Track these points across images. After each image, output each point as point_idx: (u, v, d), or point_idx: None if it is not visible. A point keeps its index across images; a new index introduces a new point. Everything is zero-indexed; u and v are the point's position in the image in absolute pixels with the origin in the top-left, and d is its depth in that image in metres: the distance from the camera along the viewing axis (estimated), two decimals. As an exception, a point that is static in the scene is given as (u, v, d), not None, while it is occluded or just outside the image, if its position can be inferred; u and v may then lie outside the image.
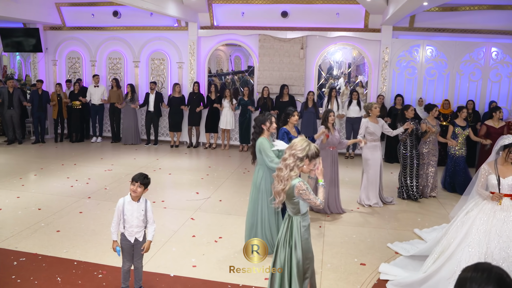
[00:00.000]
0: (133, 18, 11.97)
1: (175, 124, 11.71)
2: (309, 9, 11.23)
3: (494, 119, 8.32)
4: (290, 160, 3.30)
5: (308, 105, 10.83)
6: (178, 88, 11.55)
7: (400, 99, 10.55)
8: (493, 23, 10.48)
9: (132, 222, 3.91)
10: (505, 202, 4.24)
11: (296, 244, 3.36)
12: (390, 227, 6.32)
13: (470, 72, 10.86)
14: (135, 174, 4.02)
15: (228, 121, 11.42)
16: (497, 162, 4.42)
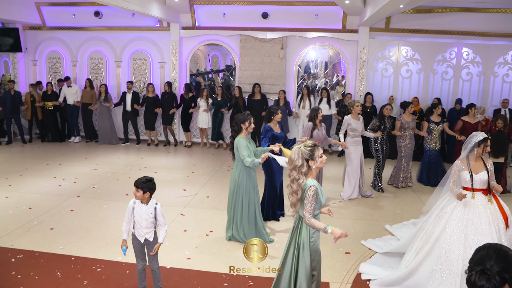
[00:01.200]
0: (114, 19, 12.03)
1: (149, 123, 11.88)
2: (289, 10, 11.54)
3: (469, 115, 8.80)
4: (294, 173, 3.46)
5: (280, 104, 11.12)
6: (151, 88, 11.70)
7: (370, 97, 10.95)
8: (464, 25, 11.00)
9: (141, 224, 4.02)
10: (478, 196, 4.48)
11: (305, 245, 3.50)
12: (371, 218, 6.67)
13: (443, 71, 11.38)
14: (138, 179, 4.05)
15: (204, 120, 11.63)
16: (469, 159, 4.61)
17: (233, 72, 12.55)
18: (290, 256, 3.59)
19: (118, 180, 8.42)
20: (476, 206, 4.43)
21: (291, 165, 3.47)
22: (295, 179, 3.45)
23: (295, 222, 3.63)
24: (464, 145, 4.70)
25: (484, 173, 4.52)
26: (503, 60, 11.16)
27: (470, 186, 4.53)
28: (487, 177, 4.51)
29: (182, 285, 4.48)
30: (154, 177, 8.05)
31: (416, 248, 4.63)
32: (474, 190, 4.51)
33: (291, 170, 3.48)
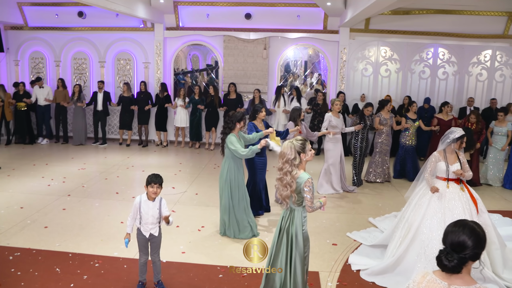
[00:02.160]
0: (98, 19, 12.09)
1: (125, 122, 11.98)
2: (272, 12, 11.81)
3: (443, 113, 9.24)
4: (286, 166, 3.68)
5: (255, 102, 11.37)
6: (125, 87, 11.82)
7: (342, 96, 11.26)
8: (440, 26, 11.47)
9: (147, 220, 4.20)
10: (452, 185, 4.95)
11: (297, 234, 3.74)
12: (355, 212, 6.99)
13: (420, 71, 11.82)
14: (150, 176, 4.20)
15: (182, 119, 11.78)
16: (446, 151, 5.05)
17: (215, 71, 12.75)
18: (283, 247, 3.79)
19: (107, 179, 8.54)
20: (451, 194, 4.89)
21: (284, 158, 3.68)
22: (288, 172, 3.66)
23: (286, 214, 3.83)
24: (442, 139, 5.11)
25: (457, 165, 4.99)
26: (476, 60, 11.67)
27: (446, 176, 4.98)
28: (460, 168, 4.97)
29: (179, 278, 4.68)
30: (142, 176, 8.22)
31: (399, 237, 4.99)
32: (449, 180, 4.96)
33: (283, 163, 3.69)
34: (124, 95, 11.82)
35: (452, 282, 2.14)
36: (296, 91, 11.59)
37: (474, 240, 2.11)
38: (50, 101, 11.95)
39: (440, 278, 2.18)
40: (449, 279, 2.15)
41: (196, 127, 11.90)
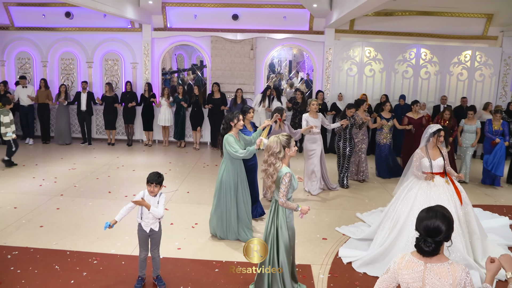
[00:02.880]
0: (86, 19, 12.12)
1: (109, 122, 12.06)
2: (258, 13, 11.99)
3: (413, 111, 9.54)
4: (271, 159, 3.98)
5: (237, 101, 11.56)
6: (107, 88, 11.89)
7: (321, 95, 11.51)
8: (422, 27, 11.82)
9: (149, 214, 4.34)
10: (437, 179, 5.29)
11: (282, 225, 4.03)
12: (343, 208, 7.23)
13: (403, 71, 12.14)
14: (150, 175, 4.37)
15: (166, 118, 11.91)
16: (427, 147, 5.41)
17: (202, 70, 12.93)
18: (270, 237, 4.08)
19: (98, 179, 8.63)
20: (436, 187, 5.24)
21: (269, 151, 3.99)
22: (272, 163, 3.97)
23: (272, 206, 4.15)
24: (422, 136, 5.50)
25: (440, 159, 5.35)
26: (457, 60, 12.03)
27: (430, 170, 5.32)
28: (443, 162, 5.35)
29: (176, 273, 4.85)
30: (133, 175, 8.33)
31: (388, 227, 5.31)
32: (433, 174, 5.30)
33: (268, 156, 3.99)
34: (107, 95, 11.89)
35: (428, 260, 2.43)
36: (275, 91, 11.81)
37: (447, 225, 2.40)
38: (32, 98, 11.86)
39: (417, 258, 2.47)
40: (425, 258, 2.44)
41: (180, 126, 12.04)
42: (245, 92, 12.18)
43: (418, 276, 2.44)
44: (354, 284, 4.69)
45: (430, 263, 2.45)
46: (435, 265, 2.43)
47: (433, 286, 2.40)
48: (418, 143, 8.89)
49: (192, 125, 12.04)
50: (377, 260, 5.02)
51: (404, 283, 2.52)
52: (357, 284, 4.68)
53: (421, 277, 2.43)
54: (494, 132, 8.92)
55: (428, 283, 2.42)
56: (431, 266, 2.44)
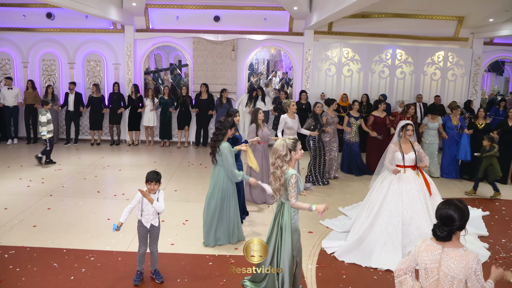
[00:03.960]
0: (67, 20, 12.14)
1: (95, 122, 12.14)
2: (239, 14, 12.26)
3: (379, 110, 9.91)
4: (278, 161, 4.12)
5: (223, 102, 11.84)
6: (94, 89, 11.99)
7: (305, 95, 11.86)
8: (397, 29, 12.32)
9: (149, 211, 4.59)
10: (408, 171, 5.74)
11: (286, 226, 4.18)
12: (326, 203, 7.54)
13: (380, 71, 12.61)
14: (148, 174, 4.57)
15: (150, 118, 12.08)
16: (400, 142, 5.86)
17: (182, 70, 13.14)
18: (273, 238, 4.29)
19: (85, 179, 8.74)
20: (408, 179, 5.69)
21: (276, 154, 4.14)
22: (279, 166, 4.12)
23: (278, 208, 4.31)
24: (396, 132, 6.00)
25: (412, 153, 5.79)
26: (431, 60, 12.58)
27: (402, 163, 5.77)
28: (415, 156, 5.79)
29: (172, 267, 5.08)
30: (120, 174, 8.52)
31: (365, 216, 5.75)
32: (405, 167, 5.76)
33: (275, 158, 4.14)
34: (94, 96, 11.98)
35: (445, 245, 2.80)
36: (260, 91, 12.09)
37: (459, 214, 2.75)
38: (20, 104, 11.95)
39: (436, 243, 2.84)
40: (443, 243, 2.81)
41: (166, 126, 12.20)
42: (227, 93, 12.42)
43: (436, 258, 2.81)
44: (341, 273, 5.02)
45: (447, 247, 2.80)
46: (451, 250, 2.78)
47: (448, 267, 2.76)
48: (382, 141, 9.60)
49: (179, 124, 12.23)
50: (353, 248, 5.43)
51: (422, 264, 2.86)
52: (343, 273, 5.01)
53: (439, 259, 2.80)
54: (454, 127, 9.52)
55: (444, 264, 2.78)
56: (448, 251, 2.79)
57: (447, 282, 2.78)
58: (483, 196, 8.31)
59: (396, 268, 3.01)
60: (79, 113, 12.09)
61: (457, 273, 2.74)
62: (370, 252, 5.35)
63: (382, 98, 11.73)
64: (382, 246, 5.35)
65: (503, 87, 15.60)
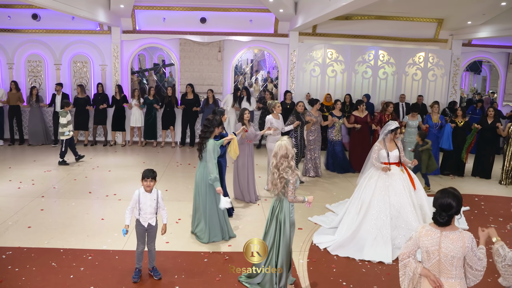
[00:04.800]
0: (53, 21, 12.13)
1: (80, 123, 12.18)
2: (225, 16, 12.44)
3: (359, 110, 10.22)
4: (285, 163, 4.36)
5: (209, 102, 12.02)
6: (79, 89, 12.06)
7: (290, 95, 12.09)
8: (380, 31, 12.66)
9: (146, 210, 4.75)
10: (393, 168, 6.08)
11: (285, 219, 4.46)
12: (314, 200, 7.79)
13: (363, 71, 12.94)
14: (144, 171, 4.75)
15: (137, 119, 12.19)
16: (385, 141, 6.19)
17: (168, 70, 13.46)
18: (272, 231, 4.53)
19: (76, 180, 8.82)
20: (393, 175, 6.05)
21: (279, 155, 4.38)
22: (288, 167, 4.37)
23: (275, 203, 4.57)
24: (381, 131, 6.33)
25: (396, 151, 6.18)
26: (412, 61, 12.96)
27: (387, 161, 6.12)
28: (399, 153, 6.18)
29: (168, 264, 5.26)
30: (110, 175, 8.66)
31: (354, 212, 6.06)
32: (390, 164, 6.10)
33: (279, 159, 4.37)
34: (79, 97, 12.03)
35: (443, 229, 3.12)
36: (246, 91, 12.30)
37: (456, 202, 3.08)
38: (4, 102, 11.90)
39: (434, 228, 3.16)
40: (441, 228, 3.13)
41: (151, 126, 12.32)
42: (214, 93, 12.59)
43: (436, 241, 3.12)
44: (331, 267, 5.28)
45: (445, 231, 3.12)
46: (449, 232, 3.11)
47: (447, 248, 3.08)
48: (365, 140, 9.97)
49: (163, 124, 12.34)
50: (346, 243, 5.71)
51: (424, 247, 3.16)
52: (333, 267, 5.28)
53: (438, 242, 3.11)
54: (434, 125, 9.94)
55: (443, 246, 3.09)
56: (446, 234, 3.11)
57: (447, 261, 3.09)
58: (467, 192, 8.67)
59: (400, 252, 3.31)
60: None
61: (456, 252, 3.06)
62: (362, 246, 5.65)
63: (366, 99, 12.11)
64: (373, 240, 5.65)
65: (481, 85, 16.15)
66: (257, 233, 6.06)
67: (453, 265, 3.09)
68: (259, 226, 6.47)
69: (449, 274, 3.12)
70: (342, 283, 4.92)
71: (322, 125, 9.81)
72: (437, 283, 3.11)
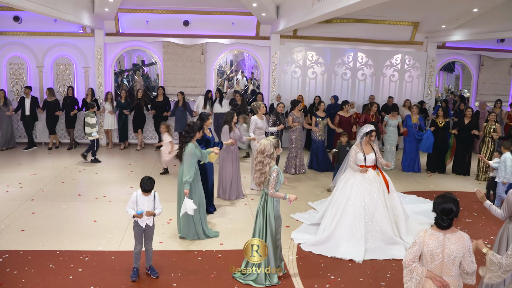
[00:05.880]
0: (35, 24, 12.10)
1: (50, 127, 12.17)
2: (208, 19, 12.65)
3: (344, 110, 10.63)
4: (266, 159, 4.74)
5: (179, 104, 12.19)
6: (48, 92, 12.03)
7: (260, 96, 12.37)
8: (358, 33, 13.06)
9: (144, 211, 4.96)
10: (369, 171, 6.29)
11: (270, 214, 4.82)
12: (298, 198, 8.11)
13: (342, 73, 13.32)
14: (144, 183, 4.92)
15: (110, 122, 12.29)
16: (362, 144, 6.39)
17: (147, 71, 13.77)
18: (258, 224, 4.89)
19: (63, 183, 8.90)
20: (369, 178, 6.24)
21: (265, 153, 4.74)
22: (268, 163, 4.75)
23: (262, 198, 4.94)
24: (358, 134, 6.58)
25: (372, 154, 6.38)
26: (389, 63, 13.42)
27: (364, 164, 6.34)
28: (375, 156, 6.36)
29: (164, 263, 5.47)
30: (97, 177, 8.79)
31: (331, 215, 6.29)
32: (366, 167, 6.29)
33: (264, 157, 4.74)
34: (48, 100, 11.99)
35: (445, 232, 3.41)
36: (218, 93, 12.50)
37: (456, 206, 3.37)
38: None
39: (437, 231, 3.42)
40: (444, 231, 3.41)
41: (123, 129, 12.45)
42: (197, 95, 12.79)
43: (440, 244, 3.37)
44: (319, 262, 5.60)
45: (447, 233, 3.39)
46: (451, 234, 3.38)
47: (450, 249, 3.34)
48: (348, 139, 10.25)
49: (134, 127, 12.48)
50: (321, 243, 5.99)
51: (428, 251, 3.39)
52: (321, 262, 5.60)
53: (442, 244, 3.36)
54: (413, 125, 10.41)
55: (447, 247, 3.36)
56: (449, 236, 3.38)
57: (450, 261, 3.36)
58: (444, 189, 9.11)
59: (405, 259, 3.49)
60: (36, 117, 12.07)
61: (458, 252, 3.33)
62: (337, 246, 5.90)
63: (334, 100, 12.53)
64: (348, 241, 5.91)
65: (454, 83, 16.86)
66: (246, 231, 6.36)
67: (454, 264, 3.37)
68: (247, 224, 6.76)
69: (450, 273, 3.39)
70: (330, 277, 5.23)
71: (305, 126, 10.12)
72: (444, 283, 3.37)
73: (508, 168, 7.48)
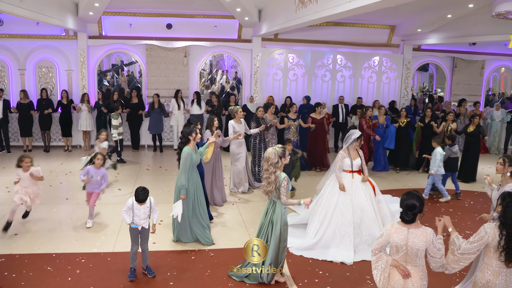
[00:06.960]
0: (17, 26, 12.06)
1: (24, 129, 12.12)
2: (191, 22, 12.83)
3: (316, 112, 10.85)
4: (271, 168, 4.85)
5: (155, 106, 12.35)
6: (22, 95, 11.98)
7: (233, 98, 12.68)
8: (337, 36, 13.47)
9: (140, 216, 5.18)
10: (356, 176, 6.47)
11: (277, 221, 4.94)
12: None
13: (322, 75, 13.69)
14: (138, 194, 5.15)
15: (88, 123, 12.31)
16: (349, 149, 6.52)
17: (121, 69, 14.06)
18: (263, 231, 5.05)
19: (51, 186, 8.98)
20: (355, 184, 6.44)
21: (269, 162, 4.87)
22: (273, 172, 4.86)
23: (269, 205, 5.08)
24: (345, 140, 6.64)
25: (359, 159, 6.57)
26: (368, 65, 13.86)
27: (351, 169, 6.50)
28: (361, 162, 6.53)
29: (159, 262, 5.68)
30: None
31: (319, 220, 6.44)
32: (353, 172, 6.51)
33: (268, 166, 4.87)
34: (22, 102, 11.94)
35: (409, 227, 3.70)
36: (196, 95, 12.61)
37: (419, 202, 3.68)
38: None
39: (402, 226, 3.73)
40: (408, 225, 3.71)
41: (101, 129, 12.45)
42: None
43: (404, 237, 3.67)
44: (309, 261, 5.90)
45: (411, 228, 3.68)
46: (414, 229, 3.67)
47: (413, 243, 3.63)
48: (320, 140, 10.79)
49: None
50: (311, 247, 6.16)
51: (393, 243, 3.70)
52: (309, 259, 5.90)
53: (406, 238, 3.66)
54: (380, 125, 10.87)
55: (410, 241, 3.64)
56: (412, 230, 3.67)
57: (413, 253, 3.66)
58: (407, 186, 9.55)
59: (373, 248, 3.86)
60: (7, 120, 11.97)
61: (420, 245, 3.62)
62: (326, 252, 6.08)
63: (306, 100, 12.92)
64: (337, 246, 6.11)
65: (428, 81, 17.48)
66: (236, 230, 6.62)
67: (418, 256, 3.66)
68: (235, 223, 7.04)
69: (414, 263, 3.70)
70: (319, 272, 5.55)
71: (278, 127, 10.30)
72: (406, 272, 3.70)
73: (437, 161, 8.34)
